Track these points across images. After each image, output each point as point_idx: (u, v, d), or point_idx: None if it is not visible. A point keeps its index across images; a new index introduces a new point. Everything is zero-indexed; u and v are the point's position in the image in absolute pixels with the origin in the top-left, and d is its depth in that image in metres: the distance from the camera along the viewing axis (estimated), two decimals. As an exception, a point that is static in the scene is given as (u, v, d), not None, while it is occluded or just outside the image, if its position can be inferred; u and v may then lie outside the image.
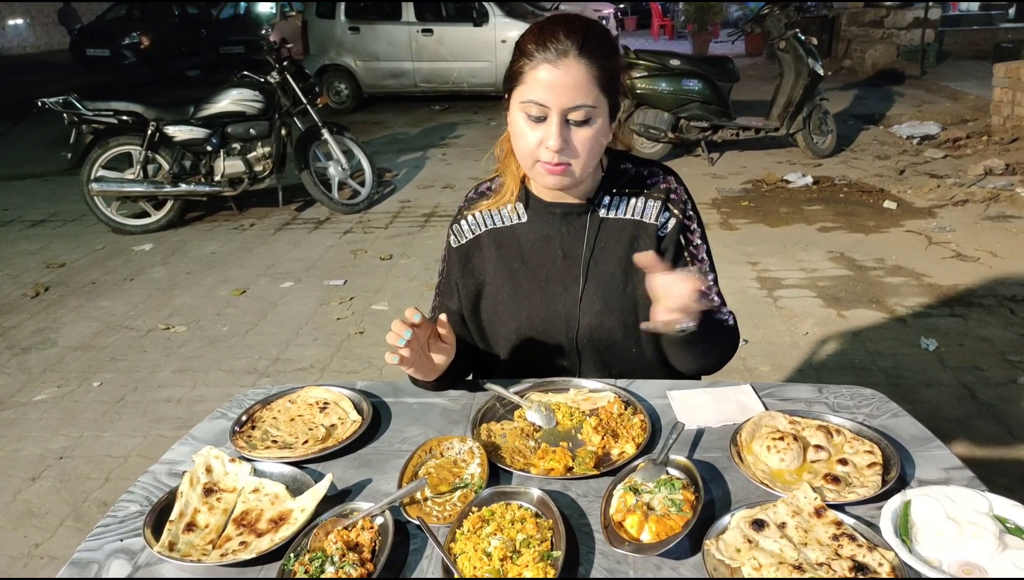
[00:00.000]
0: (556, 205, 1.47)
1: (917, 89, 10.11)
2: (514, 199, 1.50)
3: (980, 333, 3.58)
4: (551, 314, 1.49)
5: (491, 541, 1.00)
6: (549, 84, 1.27)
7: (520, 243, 1.51)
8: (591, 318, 1.48)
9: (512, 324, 1.51)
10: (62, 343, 3.99)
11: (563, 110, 1.28)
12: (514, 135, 1.35)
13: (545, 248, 1.49)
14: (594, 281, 1.47)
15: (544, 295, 1.49)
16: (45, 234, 5.89)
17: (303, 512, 1.10)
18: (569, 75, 1.27)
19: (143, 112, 5.50)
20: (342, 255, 5.15)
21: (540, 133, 1.30)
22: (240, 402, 1.46)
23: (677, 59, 6.84)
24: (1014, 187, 5.69)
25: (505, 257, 1.51)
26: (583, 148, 1.32)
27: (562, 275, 1.49)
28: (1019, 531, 0.99)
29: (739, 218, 5.51)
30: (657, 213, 1.46)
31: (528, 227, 1.50)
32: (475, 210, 1.54)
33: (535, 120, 1.30)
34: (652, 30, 19.95)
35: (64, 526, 2.58)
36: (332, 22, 10.57)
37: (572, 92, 1.27)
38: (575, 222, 1.48)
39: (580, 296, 1.48)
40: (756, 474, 1.15)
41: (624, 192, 1.48)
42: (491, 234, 1.52)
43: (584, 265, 1.48)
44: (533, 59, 1.28)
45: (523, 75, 1.30)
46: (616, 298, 1.47)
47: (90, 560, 1.06)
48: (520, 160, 1.38)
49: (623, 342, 1.50)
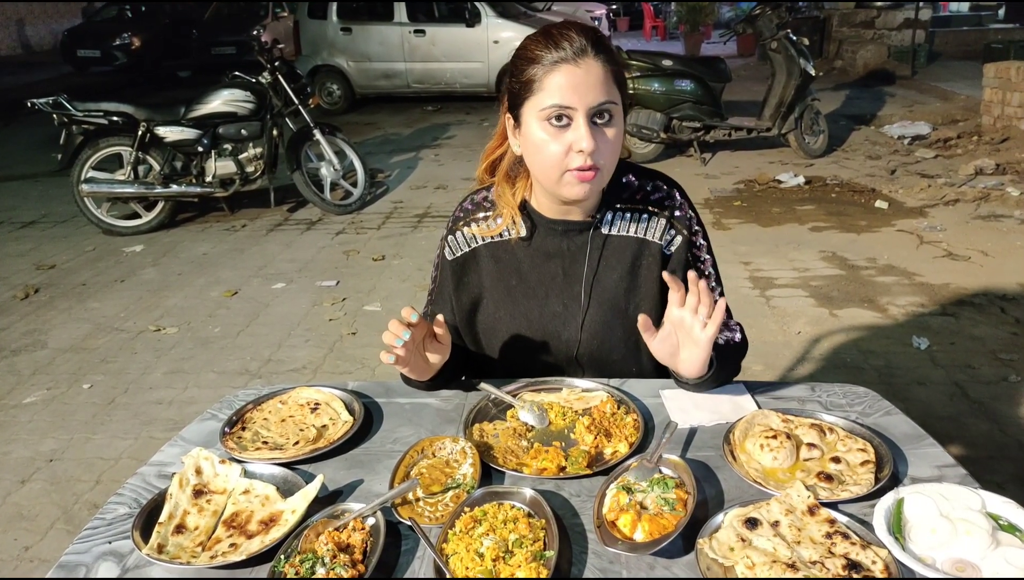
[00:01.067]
0: (558, 222, 1.42)
1: (908, 89, 10.15)
2: (509, 224, 1.45)
3: (971, 331, 3.59)
4: (550, 334, 1.47)
5: (483, 541, 1.00)
6: (572, 84, 1.23)
7: (519, 259, 1.46)
8: (592, 338, 1.46)
9: (509, 342, 1.49)
10: (52, 345, 3.96)
11: (589, 109, 1.24)
12: (535, 148, 1.29)
13: (545, 265, 1.45)
14: (596, 301, 1.45)
15: (543, 314, 1.47)
16: (35, 235, 5.86)
17: (294, 513, 1.09)
18: (592, 73, 1.24)
19: (134, 113, 5.47)
20: (334, 256, 5.14)
21: (567, 139, 1.25)
22: (230, 403, 1.45)
23: (669, 59, 6.85)
24: (1004, 187, 5.72)
25: (503, 273, 1.48)
26: (610, 149, 1.28)
27: (562, 293, 1.46)
28: (1012, 528, 0.99)
29: (732, 218, 5.52)
30: (662, 231, 1.43)
31: (528, 243, 1.45)
32: (472, 222, 1.49)
33: (558, 127, 1.25)
34: (644, 31, 19.97)
35: (54, 529, 2.56)
36: (324, 22, 10.53)
37: (596, 90, 1.24)
38: (576, 239, 1.43)
39: (583, 317, 1.45)
40: (749, 473, 1.14)
41: (627, 208, 1.44)
42: (488, 248, 1.48)
43: (586, 285, 1.44)
44: (546, 63, 1.25)
45: (536, 82, 1.25)
46: (618, 318, 1.45)
47: (78, 563, 1.05)
48: (543, 174, 1.31)
49: (623, 362, 1.49)
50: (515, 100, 1.31)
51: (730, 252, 4.77)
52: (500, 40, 10.23)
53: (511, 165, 1.44)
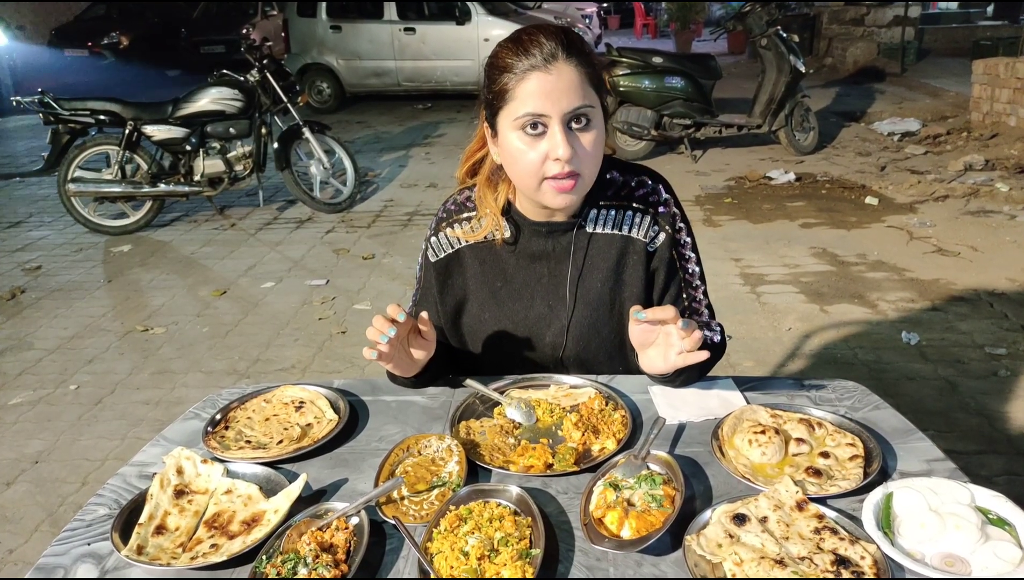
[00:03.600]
0: (542, 224, 1.40)
1: (897, 86, 10.19)
2: (493, 227, 1.43)
3: (961, 326, 3.60)
4: (536, 335, 1.46)
5: (468, 540, 0.98)
6: (544, 91, 1.20)
7: (504, 261, 1.45)
8: (578, 340, 1.45)
9: (494, 344, 1.48)
10: (38, 346, 3.92)
11: (564, 115, 1.21)
12: (512, 159, 1.27)
13: (530, 267, 1.44)
14: (582, 301, 1.43)
15: (528, 316, 1.45)
16: (21, 235, 5.80)
17: (276, 513, 1.07)
18: (563, 78, 1.21)
19: (121, 111, 5.43)
20: (324, 255, 5.11)
21: (543, 147, 1.22)
22: (213, 402, 1.43)
23: (660, 57, 6.85)
24: (993, 182, 5.74)
25: (488, 275, 1.46)
26: (590, 154, 1.25)
27: (548, 295, 1.45)
28: (1001, 522, 0.98)
29: (722, 215, 5.52)
30: (646, 228, 1.42)
31: (513, 246, 1.43)
32: (455, 224, 1.47)
33: (534, 136, 1.23)
34: (635, 29, 20.00)
35: (39, 531, 2.53)
36: (313, 21, 10.50)
37: (570, 95, 1.21)
38: (561, 240, 1.42)
39: (569, 319, 1.44)
40: (738, 468, 1.13)
41: (611, 205, 1.42)
42: (473, 249, 1.46)
43: (572, 285, 1.43)
44: (517, 71, 1.22)
45: (509, 92, 1.23)
46: (603, 318, 1.44)
47: (56, 565, 1.03)
48: (522, 182, 1.29)
49: (609, 362, 1.48)
50: (490, 110, 1.29)
51: (721, 249, 4.77)
52: (491, 38, 10.20)
53: (492, 170, 1.42)
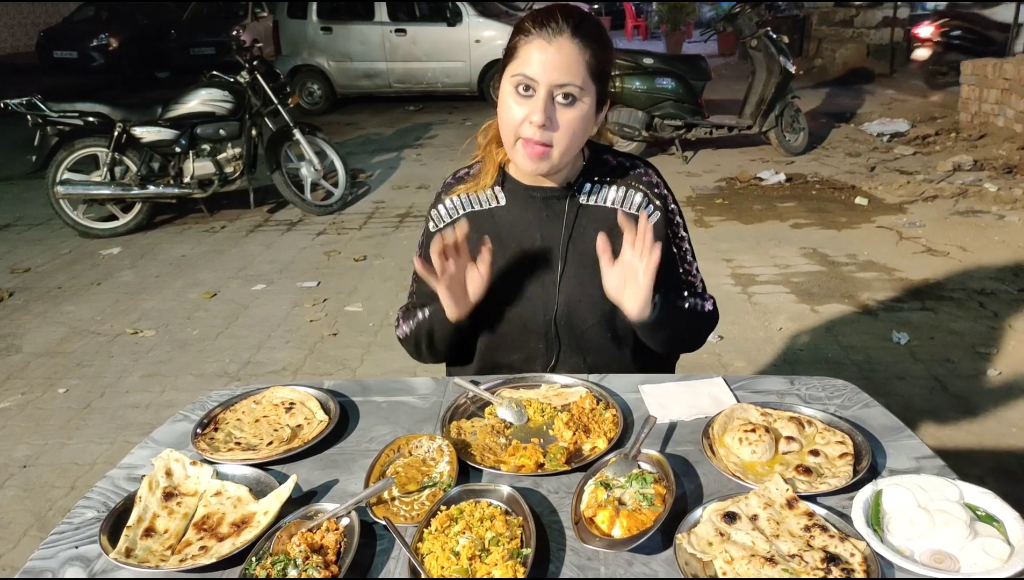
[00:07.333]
0: (536, 189, 1.49)
1: (887, 87, 10.26)
2: (492, 183, 1.52)
3: (950, 326, 3.62)
4: (529, 296, 1.51)
5: (459, 540, 0.98)
6: (540, 60, 1.31)
7: (498, 226, 1.51)
8: (568, 300, 1.49)
9: (490, 307, 1.51)
10: (27, 349, 3.89)
11: (551, 86, 1.31)
12: (501, 110, 1.37)
13: (524, 232, 1.51)
14: (572, 265, 1.49)
15: (521, 278, 1.51)
16: (10, 238, 5.76)
17: (266, 515, 1.07)
18: (561, 53, 1.30)
19: (109, 113, 5.39)
20: (315, 257, 5.09)
21: (526, 108, 1.32)
22: (203, 404, 1.42)
23: (651, 58, 6.87)
24: (982, 182, 5.78)
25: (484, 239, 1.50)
26: (566, 129, 1.34)
27: (540, 258, 1.50)
28: (989, 518, 0.98)
29: (713, 216, 5.54)
30: (639, 204, 1.49)
31: (506, 210, 1.52)
32: (453, 195, 1.55)
33: (523, 96, 1.33)
34: (626, 30, 20.04)
35: (28, 536, 2.51)
36: (304, 22, 10.47)
37: (561, 70, 1.30)
38: (554, 207, 1.49)
39: (558, 279, 1.49)
40: (728, 467, 1.14)
41: (605, 180, 1.51)
42: (469, 218, 1.51)
43: (562, 249, 1.49)
44: (528, 36, 1.33)
45: (517, 50, 1.34)
46: (593, 283, 1.46)
47: (44, 568, 1.02)
48: (504, 136, 1.39)
49: (598, 327, 1.51)
50: (504, 62, 1.40)
51: (712, 249, 4.78)
52: (482, 39, 10.22)
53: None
